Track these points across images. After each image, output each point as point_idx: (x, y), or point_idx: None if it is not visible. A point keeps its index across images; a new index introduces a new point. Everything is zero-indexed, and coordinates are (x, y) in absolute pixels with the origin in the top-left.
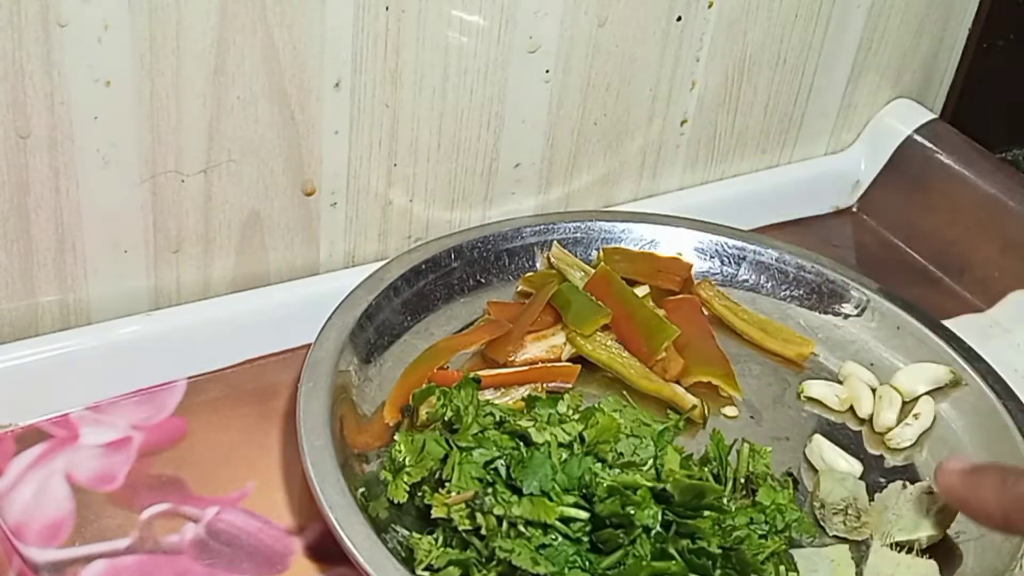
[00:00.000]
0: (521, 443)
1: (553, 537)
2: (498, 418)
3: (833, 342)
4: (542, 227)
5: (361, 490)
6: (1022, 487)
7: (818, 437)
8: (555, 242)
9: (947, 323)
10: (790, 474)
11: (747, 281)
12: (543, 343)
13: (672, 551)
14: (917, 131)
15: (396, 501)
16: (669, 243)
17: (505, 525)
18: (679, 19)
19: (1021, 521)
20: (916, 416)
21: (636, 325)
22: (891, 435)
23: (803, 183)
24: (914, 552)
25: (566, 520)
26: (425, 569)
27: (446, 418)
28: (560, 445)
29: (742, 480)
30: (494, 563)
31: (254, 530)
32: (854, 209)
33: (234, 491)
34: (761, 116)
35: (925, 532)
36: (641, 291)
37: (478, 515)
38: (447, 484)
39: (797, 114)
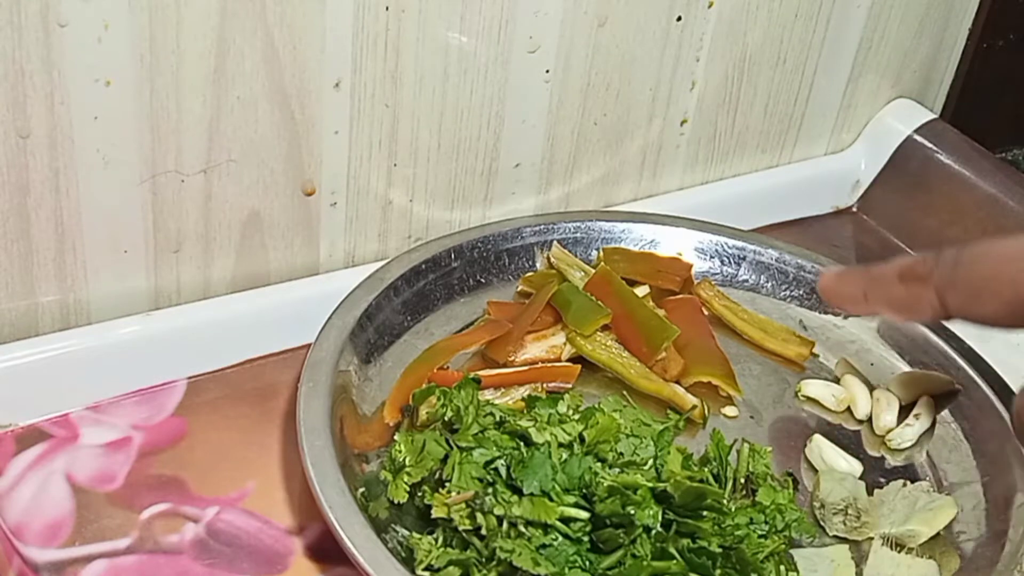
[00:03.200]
0: (521, 443)
1: (553, 537)
2: (498, 418)
3: (833, 342)
4: (542, 227)
5: (361, 490)
6: (879, 270)
7: (818, 437)
8: (555, 242)
9: (947, 323)
10: (790, 474)
11: (747, 281)
12: (543, 343)
13: (672, 551)
14: (917, 131)
15: (396, 501)
16: (669, 243)
17: (505, 525)
18: (679, 19)
19: (876, 295)
20: (916, 417)
21: (636, 325)
22: (891, 436)
23: (803, 183)
24: (914, 552)
25: (566, 520)
26: (425, 569)
27: (446, 418)
28: (560, 445)
29: (742, 480)
30: (494, 563)
31: (254, 530)
32: (854, 209)
33: (234, 491)
34: (761, 116)
35: (915, 526)
36: (641, 291)
37: (478, 515)
38: (447, 484)
39: (797, 114)
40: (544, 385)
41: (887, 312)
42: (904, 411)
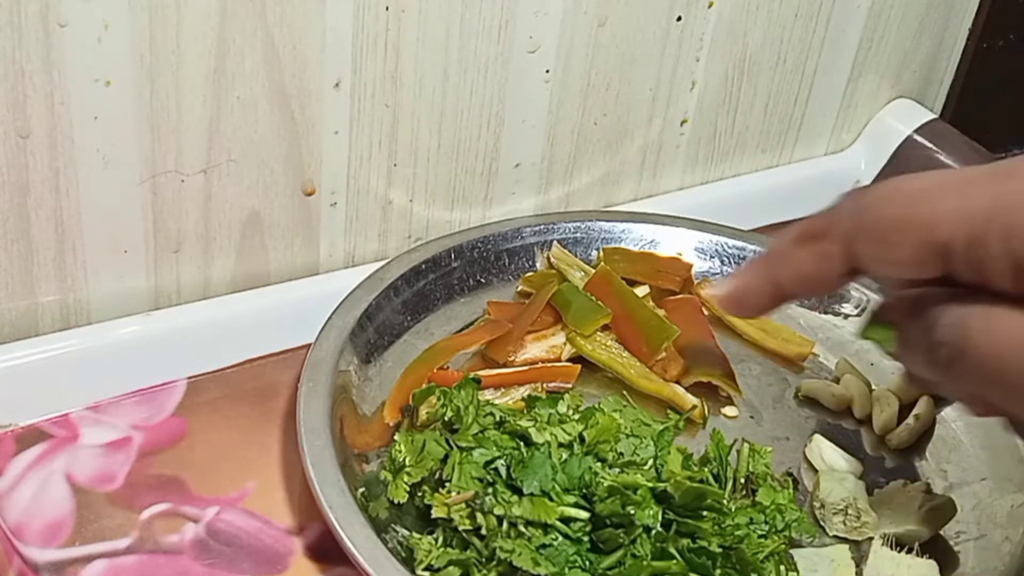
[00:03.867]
0: (521, 443)
1: (553, 537)
2: (498, 418)
3: (833, 342)
4: (542, 227)
5: (361, 490)
6: (773, 249)
7: (818, 437)
8: (555, 242)
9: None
10: (790, 474)
11: None
12: (543, 343)
13: (672, 551)
14: (917, 131)
15: (396, 501)
16: (669, 243)
17: (505, 525)
18: (679, 19)
19: (781, 275)
20: (916, 416)
21: (636, 325)
22: (891, 436)
23: (803, 183)
24: (914, 552)
25: (566, 520)
26: (425, 569)
27: (446, 418)
28: (560, 445)
29: (742, 480)
30: (494, 563)
31: (254, 530)
32: None
33: (234, 491)
34: (761, 116)
35: (914, 526)
36: (641, 291)
37: (478, 515)
38: (447, 484)
39: (797, 114)
40: (544, 385)
41: (798, 289)
42: (904, 411)
